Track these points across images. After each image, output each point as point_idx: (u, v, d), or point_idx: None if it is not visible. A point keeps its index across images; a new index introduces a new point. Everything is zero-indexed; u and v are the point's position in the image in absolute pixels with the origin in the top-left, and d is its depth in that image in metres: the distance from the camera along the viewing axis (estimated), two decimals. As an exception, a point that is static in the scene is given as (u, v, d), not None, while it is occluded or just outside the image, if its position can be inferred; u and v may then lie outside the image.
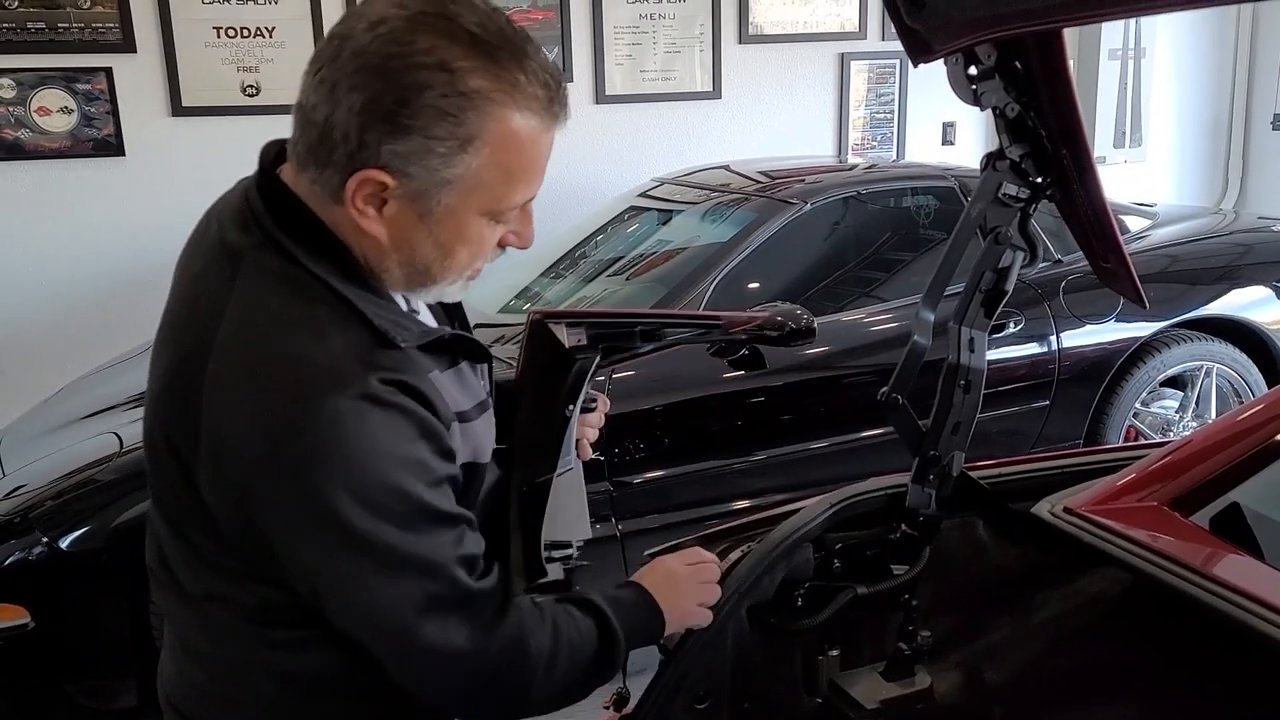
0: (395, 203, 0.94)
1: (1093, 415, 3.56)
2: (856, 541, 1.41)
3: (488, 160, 0.93)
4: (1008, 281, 1.39)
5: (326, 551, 0.93)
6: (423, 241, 0.97)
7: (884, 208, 3.74)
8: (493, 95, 0.91)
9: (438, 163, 0.92)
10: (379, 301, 0.99)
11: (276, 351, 0.93)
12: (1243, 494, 1.35)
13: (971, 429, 1.39)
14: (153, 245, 4.18)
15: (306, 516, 0.92)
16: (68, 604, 2.51)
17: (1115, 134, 5.86)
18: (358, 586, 0.94)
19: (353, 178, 0.92)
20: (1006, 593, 1.46)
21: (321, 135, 0.92)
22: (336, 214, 0.96)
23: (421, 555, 0.95)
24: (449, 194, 0.94)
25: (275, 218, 0.98)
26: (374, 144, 0.90)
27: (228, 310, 0.96)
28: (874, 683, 1.32)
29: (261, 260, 0.97)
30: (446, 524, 0.98)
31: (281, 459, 0.91)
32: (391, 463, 0.92)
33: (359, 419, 0.91)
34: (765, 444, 3.19)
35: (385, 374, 0.93)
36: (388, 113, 0.89)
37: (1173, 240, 3.90)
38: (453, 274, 1.02)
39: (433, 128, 0.90)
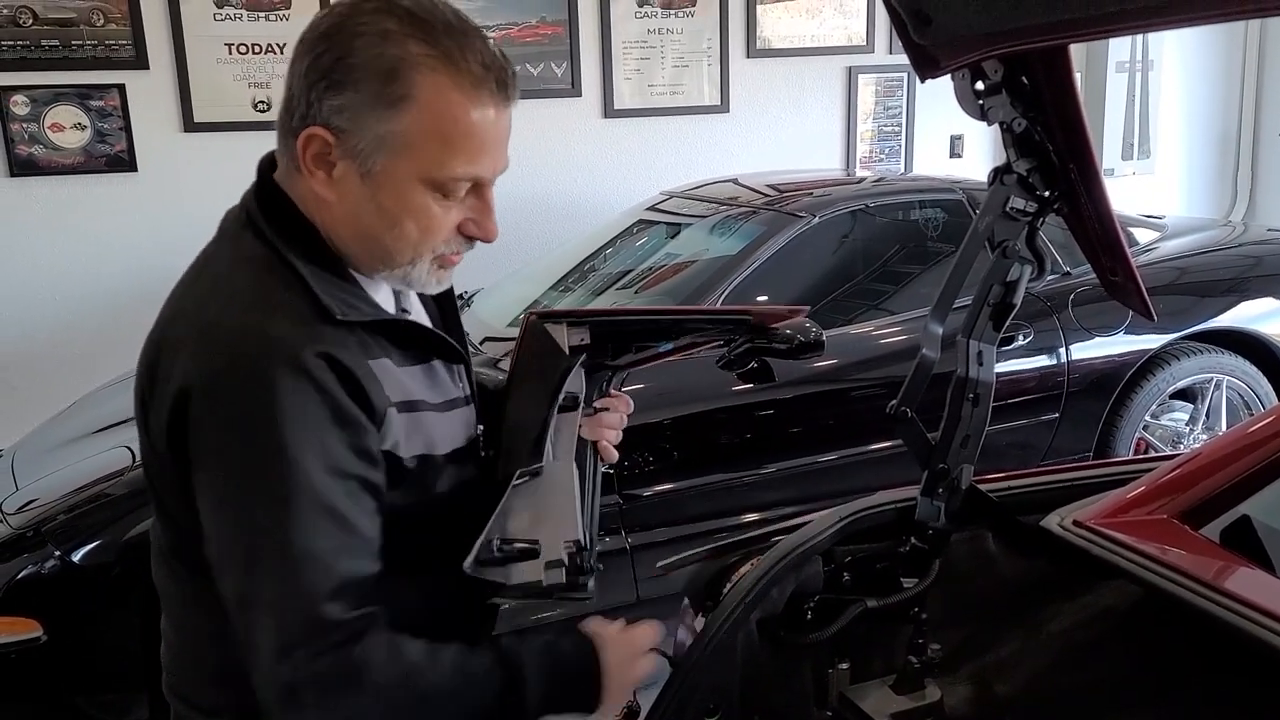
0: (341, 165, 1.00)
1: (1102, 428, 3.56)
2: (866, 554, 1.41)
3: (419, 122, 0.98)
4: (1016, 295, 1.40)
5: (223, 498, 0.98)
6: (367, 206, 1.02)
7: (892, 221, 3.75)
8: (424, 60, 0.97)
9: (371, 118, 0.98)
10: (335, 281, 1.04)
11: (226, 316, 0.99)
12: (1253, 506, 1.35)
13: (980, 442, 1.40)
14: (164, 260, 4.19)
15: (220, 464, 0.97)
16: (80, 617, 2.52)
17: (1123, 146, 5.86)
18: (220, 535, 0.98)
19: (300, 135, 0.99)
20: (1016, 606, 1.46)
21: (286, 106, 1.02)
22: (303, 189, 1.03)
23: (300, 544, 0.95)
24: (384, 153, 0.99)
25: (260, 205, 1.06)
26: (316, 101, 0.98)
27: (203, 284, 1.06)
28: (884, 696, 1.32)
29: (240, 239, 1.06)
30: (333, 521, 0.97)
31: (216, 406, 0.96)
32: (295, 434, 0.95)
33: (280, 385, 0.95)
34: (774, 457, 3.19)
35: (318, 347, 0.97)
36: (326, 69, 0.98)
37: (1182, 252, 3.90)
38: (407, 250, 1.04)
39: (365, 82, 0.97)
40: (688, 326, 1.31)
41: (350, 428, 0.99)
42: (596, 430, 1.24)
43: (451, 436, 1.13)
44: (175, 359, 1.01)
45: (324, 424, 0.97)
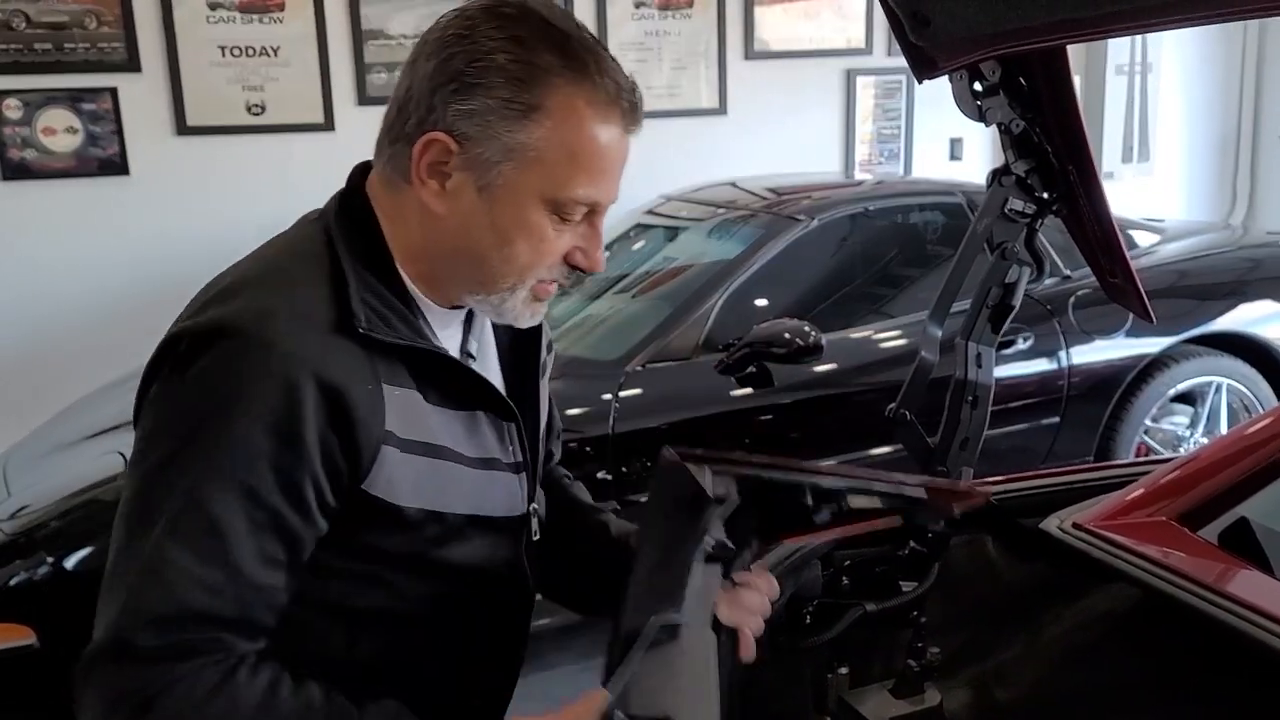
0: (458, 176, 0.94)
1: (1103, 432, 3.55)
2: (865, 558, 1.40)
3: (550, 135, 0.93)
4: (1014, 297, 1.39)
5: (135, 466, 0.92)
6: (479, 222, 0.95)
7: (891, 224, 3.74)
8: (560, 71, 0.92)
9: (500, 126, 0.92)
10: (383, 296, 0.96)
11: (242, 289, 0.95)
12: (1251, 508, 1.34)
13: (979, 444, 1.39)
14: (157, 264, 4.20)
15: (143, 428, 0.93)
16: (73, 624, 2.50)
17: (1123, 149, 5.86)
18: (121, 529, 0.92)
19: (418, 141, 0.93)
20: (1016, 609, 1.45)
21: (399, 109, 0.95)
22: (397, 201, 0.98)
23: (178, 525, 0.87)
24: (509, 165, 0.93)
25: (340, 197, 1.02)
26: (441, 105, 0.92)
27: (243, 260, 1.03)
28: (883, 701, 1.31)
29: (301, 230, 1.03)
30: (216, 541, 0.87)
31: (170, 362, 0.92)
32: (225, 431, 0.87)
33: (243, 369, 0.88)
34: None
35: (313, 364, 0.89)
36: (456, 72, 0.92)
37: (1181, 256, 3.90)
38: (512, 274, 0.98)
39: (498, 88, 0.91)
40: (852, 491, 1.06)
41: (295, 457, 0.89)
42: (737, 613, 1.06)
43: (479, 499, 1.02)
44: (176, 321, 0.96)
45: (265, 434, 0.88)
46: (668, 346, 3.06)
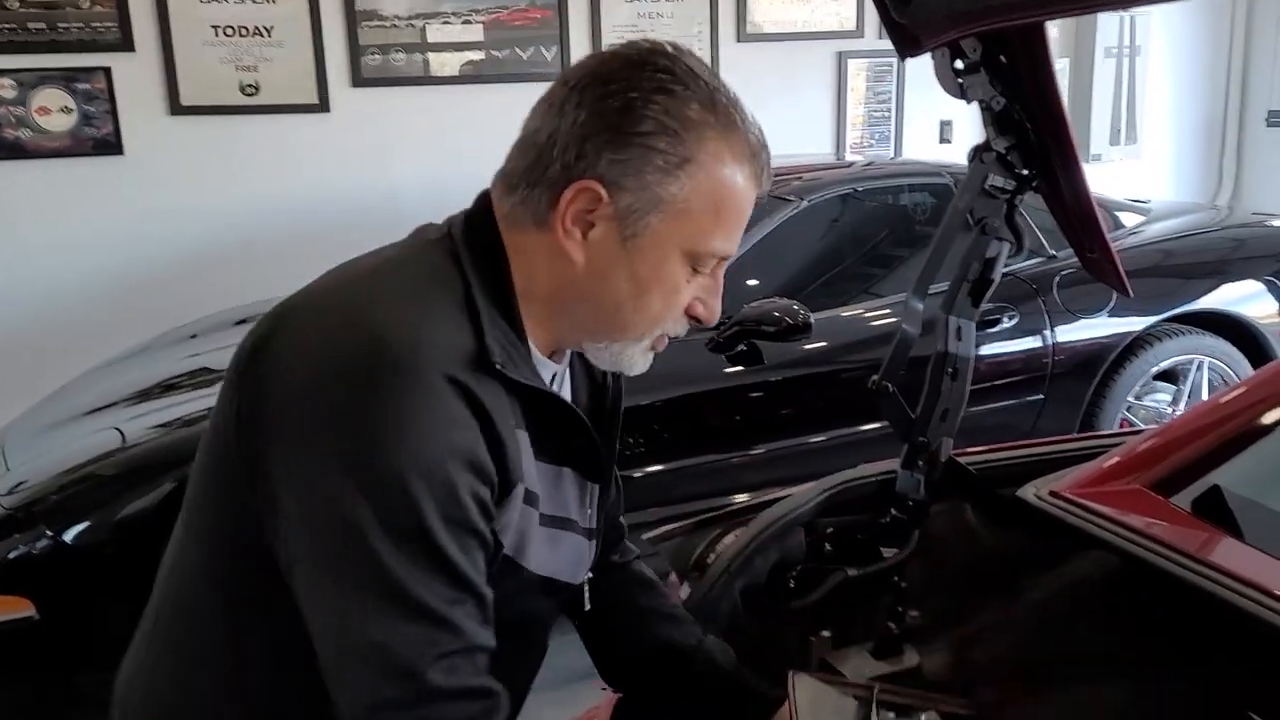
0: (602, 225, 0.92)
1: (1086, 409, 3.60)
2: (847, 526, 1.44)
3: (698, 187, 0.92)
4: (994, 271, 1.42)
5: (301, 512, 0.84)
6: (619, 272, 0.94)
7: (881, 205, 3.78)
8: (711, 125, 0.92)
9: (653, 177, 0.91)
10: (509, 335, 0.93)
11: (377, 304, 0.88)
12: (1223, 476, 1.38)
13: (960, 415, 1.42)
14: (151, 244, 4.22)
15: (302, 468, 0.84)
16: (73, 597, 2.54)
17: (1111, 131, 5.90)
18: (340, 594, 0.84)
19: (569, 189, 0.91)
20: (993, 575, 1.49)
21: (540, 153, 0.92)
22: (526, 241, 0.94)
23: (405, 588, 0.83)
24: (657, 216, 0.92)
25: (466, 225, 0.97)
26: (593, 153, 0.90)
27: (356, 270, 0.96)
28: (864, 661, 1.35)
29: (425, 249, 0.97)
30: (447, 575, 0.85)
31: (323, 400, 0.84)
32: (415, 464, 0.82)
33: (416, 399, 0.83)
34: (764, 438, 3.22)
35: (468, 382, 0.86)
36: (611, 122, 0.90)
37: (1166, 235, 3.94)
38: (643, 324, 0.97)
39: (654, 139, 0.90)
40: None
41: (478, 477, 0.86)
42: None
43: (545, 559, 0.99)
44: (281, 339, 0.89)
45: (451, 461, 0.84)
46: (659, 325, 3.10)
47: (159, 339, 3.70)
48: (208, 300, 4.04)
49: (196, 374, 3.16)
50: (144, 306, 4.15)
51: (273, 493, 0.86)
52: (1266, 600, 1.13)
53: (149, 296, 4.20)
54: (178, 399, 2.94)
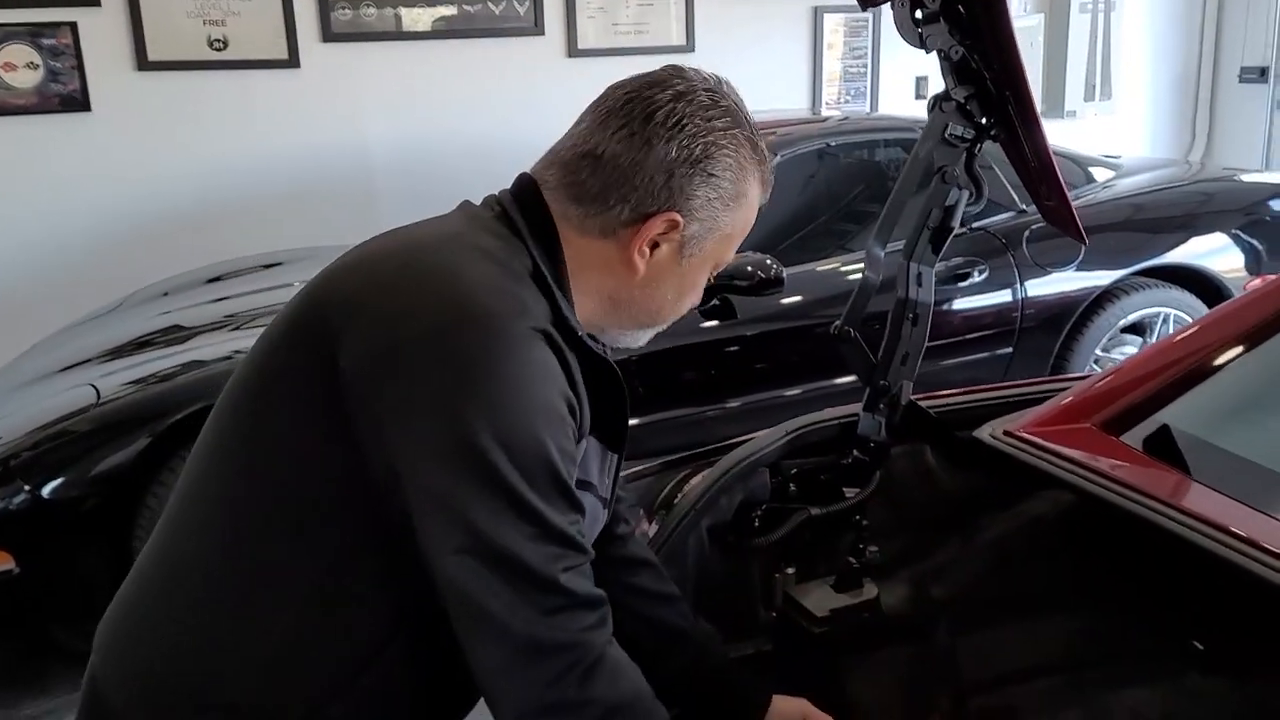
0: (666, 246, 1.03)
1: (1054, 362, 3.66)
2: (811, 467, 1.48)
3: (743, 215, 1.06)
4: (954, 219, 1.45)
5: (450, 461, 0.89)
6: (668, 284, 1.06)
7: (854, 159, 3.80)
8: (753, 160, 1.05)
9: (718, 209, 1.03)
10: (567, 306, 1.01)
11: (466, 267, 0.95)
12: (1171, 415, 1.43)
13: (919, 359, 1.46)
14: (121, 202, 4.19)
15: (447, 418, 0.89)
16: (52, 550, 2.56)
17: (1086, 87, 5.92)
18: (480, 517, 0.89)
19: (654, 218, 1.01)
20: (952, 514, 1.53)
21: (622, 177, 1.00)
22: (584, 243, 1.03)
23: (533, 504, 0.90)
24: (711, 240, 1.05)
25: (523, 213, 1.03)
26: (678, 189, 1.01)
27: (431, 236, 1.01)
28: (825, 594, 1.40)
29: (491, 222, 1.03)
30: (567, 498, 0.93)
31: (440, 355, 0.89)
32: (537, 403, 0.91)
33: (525, 349, 0.91)
34: (740, 392, 3.26)
35: (556, 340, 0.95)
36: (696, 161, 1.01)
37: (1136, 190, 3.98)
38: (673, 316, 1.11)
39: (723, 179, 1.02)
40: None
41: (574, 414, 0.96)
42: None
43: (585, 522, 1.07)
44: (372, 306, 0.93)
45: (559, 402, 0.93)
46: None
47: (131, 297, 3.69)
48: (178, 258, 4.02)
49: (169, 331, 3.17)
50: (114, 265, 4.12)
51: (390, 443, 0.90)
52: (1211, 533, 1.17)
53: (119, 255, 4.18)
54: (151, 355, 2.95)
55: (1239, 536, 1.15)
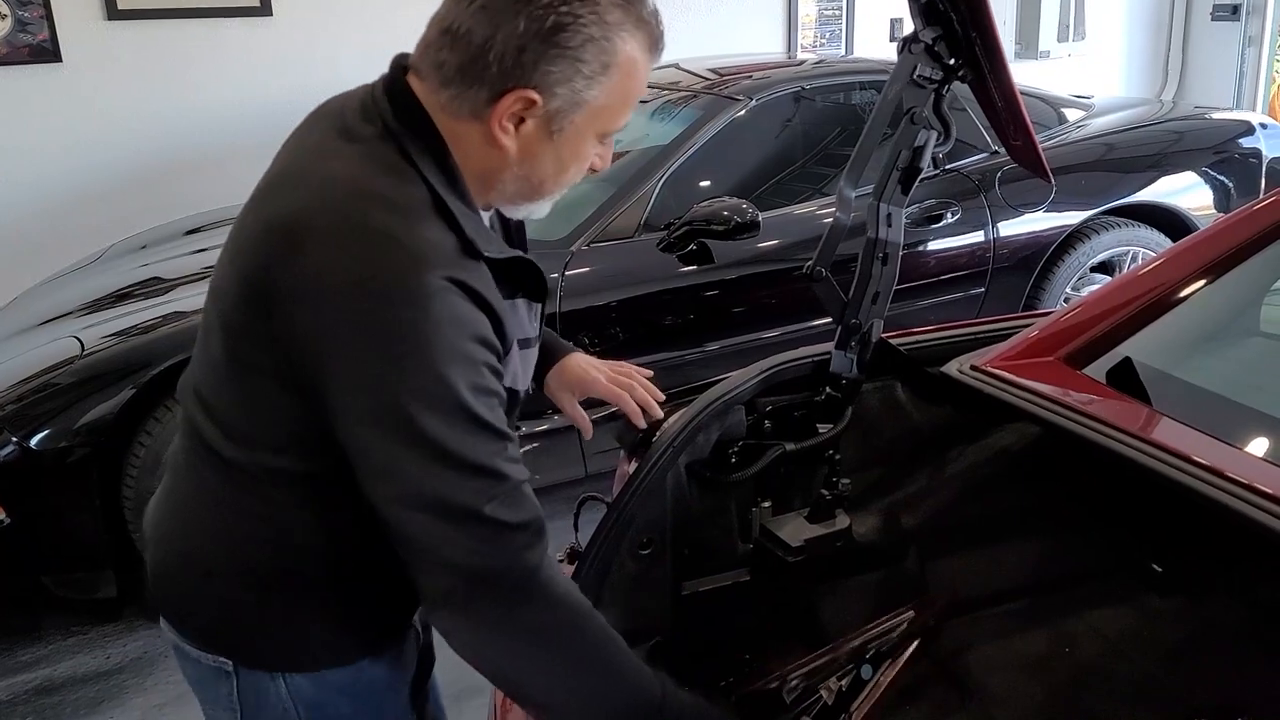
0: (532, 122, 1.03)
1: (1026, 301, 3.71)
2: (785, 404, 1.52)
3: (616, 85, 1.04)
4: (923, 159, 1.48)
5: (376, 423, 0.97)
6: (545, 158, 1.06)
7: (830, 103, 3.80)
8: (625, 26, 1.02)
9: (581, 84, 1.02)
10: (472, 216, 1.05)
11: (374, 225, 0.97)
12: (1133, 347, 1.47)
13: (889, 298, 1.49)
14: (96, 154, 4.15)
15: (367, 385, 0.96)
16: (42, 500, 2.59)
17: (1059, 27, 5.92)
18: (406, 469, 0.97)
19: (507, 95, 1.01)
20: (922, 448, 1.58)
21: (476, 55, 1.00)
22: (460, 128, 1.04)
23: (453, 448, 0.97)
24: (580, 114, 1.04)
25: (399, 117, 1.04)
26: (530, 64, 1.00)
27: (339, 180, 1.01)
28: (799, 525, 1.45)
29: (376, 149, 1.04)
30: (487, 432, 0.99)
31: (345, 314, 0.95)
32: (447, 354, 0.96)
33: (431, 300, 0.95)
34: (718, 335, 3.30)
35: (462, 277, 0.99)
36: (546, 35, 0.99)
37: (1106, 130, 4.01)
38: (559, 190, 1.12)
39: (582, 52, 1.00)
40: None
41: (489, 350, 1.01)
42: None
43: (525, 375, 1.17)
44: (296, 264, 0.97)
45: (469, 344, 0.99)
46: (611, 226, 3.14)
47: (109, 250, 3.68)
48: (155, 210, 4.00)
49: (148, 283, 3.17)
50: (91, 218, 4.10)
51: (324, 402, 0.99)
52: (1171, 460, 1.21)
53: (95, 208, 4.15)
54: (131, 308, 2.96)
55: (1196, 463, 1.18)
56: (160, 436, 2.66)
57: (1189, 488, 1.16)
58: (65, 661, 2.71)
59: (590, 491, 1.65)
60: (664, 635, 1.43)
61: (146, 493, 2.64)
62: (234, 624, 1.13)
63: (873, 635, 1.39)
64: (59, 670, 2.68)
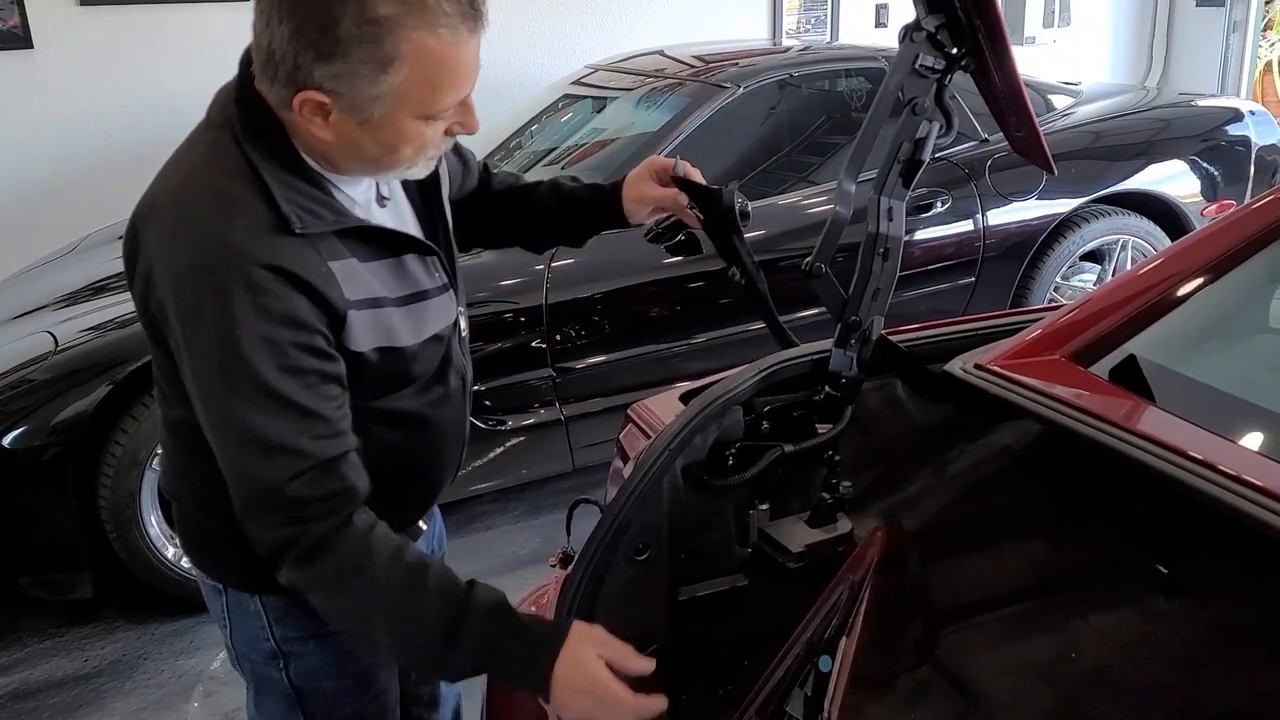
0: (337, 114, 1.07)
1: (1016, 290, 3.70)
2: (783, 404, 1.48)
3: (409, 76, 1.04)
4: (924, 152, 1.44)
5: (193, 376, 1.10)
6: (366, 142, 1.09)
7: (816, 90, 3.76)
8: (402, 19, 1.02)
9: (362, 82, 1.04)
10: (302, 188, 1.11)
11: (194, 216, 1.09)
12: (1138, 345, 1.44)
13: (890, 294, 1.46)
14: (71, 143, 4.07)
15: (190, 359, 1.09)
16: (16, 500, 2.53)
17: (1045, 13, 5.89)
18: (204, 407, 1.12)
19: (297, 96, 1.05)
20: (923, 447, 1.55)
21: (266, 57, 1.05)
22: (287, 116, 1.10)
23: (252, 421, 1.08)
24: (380, 106, 1.06)
25: (239, 107, 1.12)
26: (306, 66, 1.03)
27: (179, 170, 1.14)
28: (799, 530, 1.41)
29: (218, 138, 1.12)
30: (293, 412, 1.08)
31: (179, 300, 1.08)
32: (248, 338, 1.05)
33: (235, 290, 1.05)
34: (705, 327, 3.26)
35: (270, 260, 1.06)
36: (310, 40, 1.02)
37: (1095, 117, 3.99)
38: (403, 164, 1.14)
39: (351, 54, 1.02)
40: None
41: (301, 329, 1.08)
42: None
43: (420, 327, 1.23)
44: (156, 250, 1.10)
45: (274, 328, 1.06)
46: (597, 216, 3.09)
47: (85, 241, 3.60)
48: (132, 199, 3.91)
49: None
50: (66, 208, 4.02)
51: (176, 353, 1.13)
52: (1176, 459, 1.18)
53: (71, 198, 4.07)
54: (108, 301, 2.89)
55: (1200, 461, 1.16)
56: (137, 434, 2.60)
57: (1191, 485, 1.14)
58: (42, 665, 2.65)
59: (581, 495, 1.62)
60: (661, 642, 1.40)
61: (124, 492, 2.58)
62: (215, 551, 1.31)
63: (819, 617, 1.35)
64: (35, 674, 2.63)
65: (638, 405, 1.69)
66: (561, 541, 1.55)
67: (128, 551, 2.65)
